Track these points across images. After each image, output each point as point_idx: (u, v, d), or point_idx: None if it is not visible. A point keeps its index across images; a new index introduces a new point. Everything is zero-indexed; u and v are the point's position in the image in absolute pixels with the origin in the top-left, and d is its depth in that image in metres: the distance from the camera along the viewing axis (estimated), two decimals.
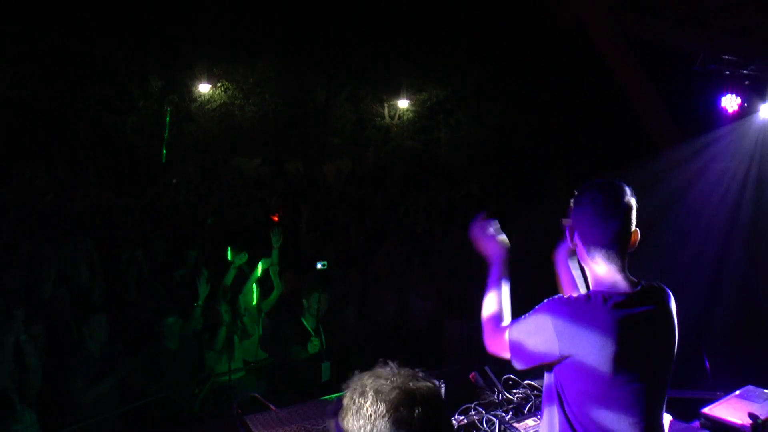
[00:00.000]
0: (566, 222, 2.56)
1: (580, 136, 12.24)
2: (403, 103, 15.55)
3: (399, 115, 15.70)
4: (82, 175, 10.32)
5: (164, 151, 12.06)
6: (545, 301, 2.42)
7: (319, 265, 4.52)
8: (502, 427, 3.49)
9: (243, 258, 6.17)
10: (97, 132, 11.43)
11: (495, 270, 2.77)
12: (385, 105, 15.63)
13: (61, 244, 6.72)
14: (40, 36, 10.75)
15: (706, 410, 4.36)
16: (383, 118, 15.63)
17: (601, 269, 2.45)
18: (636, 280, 2.46)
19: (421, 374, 1.63)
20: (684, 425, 3.93)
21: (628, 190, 2.44)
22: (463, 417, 3.51)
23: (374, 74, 14.78)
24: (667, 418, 3.61)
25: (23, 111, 10.80)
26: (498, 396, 3.81)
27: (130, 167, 11.14)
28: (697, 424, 4.16)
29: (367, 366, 3.62)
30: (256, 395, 3.18)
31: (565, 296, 2.40)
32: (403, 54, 14.26)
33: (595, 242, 2.43)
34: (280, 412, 3.49)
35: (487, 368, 3.91)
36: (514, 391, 3.92)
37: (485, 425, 3.49)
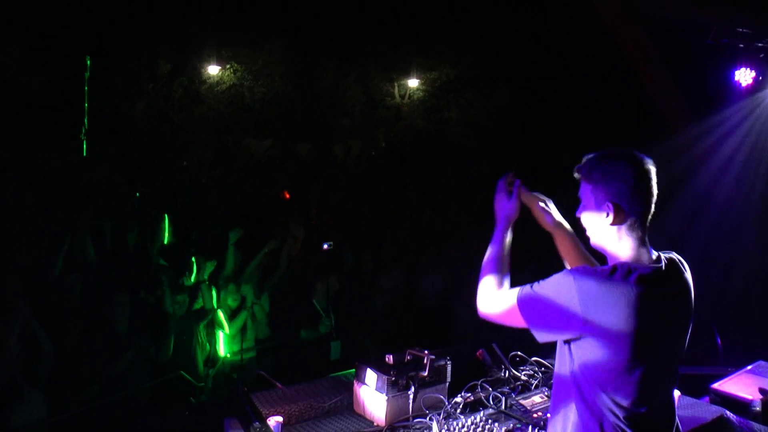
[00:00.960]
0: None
1: (591, 116, 12.14)
2: (413, 83, 15.45)
3: (409, 95, 15.61)
4: (92, 159, 10.37)
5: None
6: (565, 269, 2.38)
7: (325, 246, 4.54)
8: (509, 403, 3.50)
9: (238, 233, 6.19)
10: (106, 116, 11.43)
11: (500, 228, 2.74)
12: (396, 85, 15.53)
13: (71, 225, 6.78)
14: (49, 21, 10.75)
15: (716, 386, 4.35)
16: (393, 97, 15.55)
17: (624, 243, 2.40)
18: (657, 253, 2.43)
19: None
20: (693, 401, 3.92)
21: (649, 160, 2.42)
22: (469, 394, 3.53)
23: (384, 54, 14.67)
24: (675, 393, 3.60)
25: (33, 96, 10.82)
26: (505, 373, 3.82)
27: (140, 150, 11.16)
28: (707, 399, 4.16)
29: (376, 345, 3.63)
30: (262, 373, 3.19)
31: (589, 266, 2.34)
32: (413, 33, 14.14)
33: (640, 215, 2.39)
34: (287, 389, 3.50)
35: (494, 345, 3.91)
36: (521, 368, 3.93)
37: (492, 402, 3.49)
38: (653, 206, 2.41)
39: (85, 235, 6.20)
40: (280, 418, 3.05)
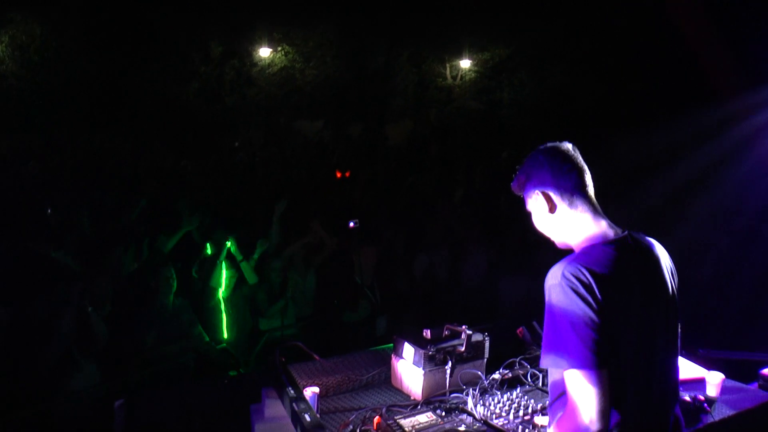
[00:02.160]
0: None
1: (645, 95, 11.85)
2: (465, 63, 15.33)
3: (461, 76, 15.50)
4: (145, 142, 10.61)
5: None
6: (546, 292, 2.26)
7: (351, 224, 4.54)
8: (547, 381, 3.45)
9: (282, 206, 6.25)
10: (159, 99, 11.67)
11: None
12: (447, 65, 15.44)
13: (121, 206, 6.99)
14: (102, 8, 11.00)
15: (766, 371, 4.23)
16: (445, 78, 15.46)
17: (577, 224, 2.37)
18: (622, 229, 2.38)
19: None
20: (740, 386, 3.84)
21: (561, 142, 2.46)
22: (507, 371, 3.50)
23: (436, 34, 14.58)
24: (718, 377, 3.53)
25: (88, 81, 11.11)
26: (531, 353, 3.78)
27: (193, 133, 11.37)
28: (755, 385, 4.06)
29: (419, 321, 3.63)
30: (299, 344, 3.22)
31: (557, 269, 2.22)
32: (465, 13, 14.01)
33: (571, 189, 2.36)
34: (324, 362, 3.54)
35: (535, 323, 3.88)
36: None
37: (529, 379, 3.47)
38: (586, 178, 2.39)
39: (136, 210, 6.35)
40: (316, 389, 3.09)
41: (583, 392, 2.09)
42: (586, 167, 2.43)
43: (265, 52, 13.21)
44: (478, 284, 6.51)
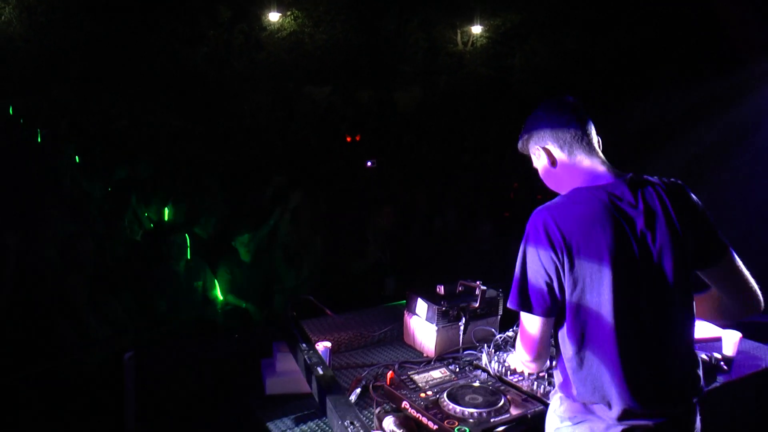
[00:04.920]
0: None
1: (660, 63, 11.65)
2: (476, 29, 15.12)
3: (472, 42, 15.30)
4: (154, 105, 10.56)
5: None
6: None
7: (369, 163, 4.51)
8: None
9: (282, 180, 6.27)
10: (168, 63, 11.57)
11: None
12: (458, 31, 15.24)
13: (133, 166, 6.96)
14: None
15: None
16: (456, 44, 15.27)
17: (586, 163, 2.32)
18: (625, 173, 2.31)
19: None
20: (758, 345, 3.81)
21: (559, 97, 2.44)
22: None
23: None
24: (735, 335, 3.48)
25: (97, 44, 11.01)
26: None
27: (201, 96, 11.30)
28: None
29: (429, 281, 3.58)
30: (311, 299, 3.18)
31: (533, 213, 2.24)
32: None
33: (570, 141, 2.33)
34: (337, 317, 3.51)
35: None
36: None
37: None
38: (587, 128, 2.35)
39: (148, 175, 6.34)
40: (328, 344, 3.06)
41: (523, 331, 2.30)
42: (587, 118, 2.38)
43: (274, 17, 13.05)
44: (490, 247, 6.47)
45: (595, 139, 2.38)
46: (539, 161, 2.42)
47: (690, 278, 2.28)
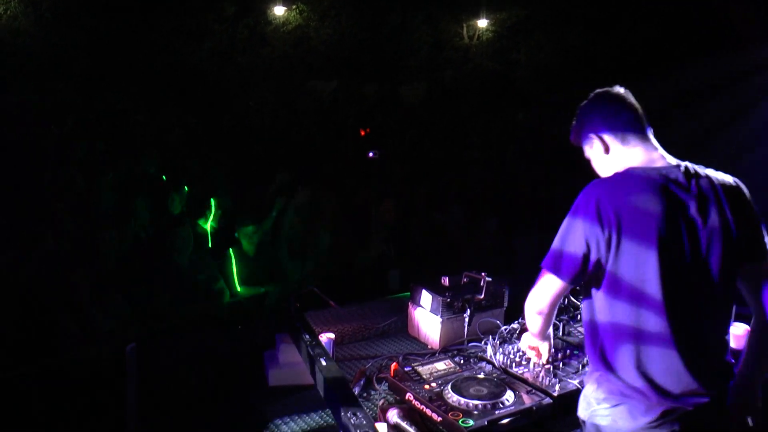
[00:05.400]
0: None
1: (666, 56, 11.58)
2: (482, 23, 15.05)
3: (478, 36, 15.22)
4: (158, 101, 10.54)
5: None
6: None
7: (371, 154, 4.50)
8: (567, 330, 3.40)
9: (289, 176, 6.27)
10: (172, 58, 11.54)
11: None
12: (464, 25, 15.16)
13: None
14: None
15: None
16: (461, 38, 15.19)
17: (639, 149, 2.34)
18: (679, 161, 2.33)
19: None
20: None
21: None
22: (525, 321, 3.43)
23: None
24: (741, 327, 3.44)
25: (101, 40, 10.99)
26: (564, 301, 3.71)
27: (206, 91, 11.27)
28: None
29: (434, 274, 3.55)
30: (315, 290, 3.16)
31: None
32: None
33: (623, 128, 2.37)
34: (341, 309, 3.49)
35: None
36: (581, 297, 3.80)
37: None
38: (638, 115, 2.40)
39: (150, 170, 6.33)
40: (332, 335, 3.04)
41: (541, 287, 2.40)
42: (637, 105, 2.43)
43: (279, 11, 12.99)
44: (493, 242, 6.45)
45: (647, 126, 2.41)
46: (592, 150, 2.47)
47: (734, 268, 2.31)
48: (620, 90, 2.47)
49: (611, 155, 2.40)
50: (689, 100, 9.10)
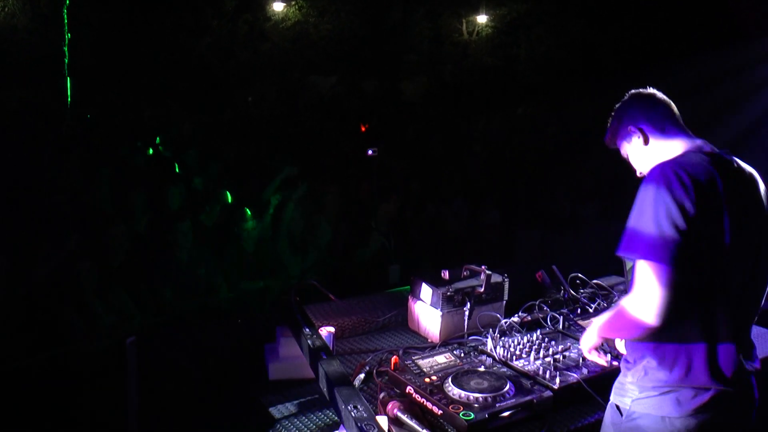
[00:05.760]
0: None
1: (667, 50, 11.56)
2: (481, 19, 15.03)
3: (477, 31, 15.20)
4: (159, 96, 10.54)
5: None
6: (640, 188, 2.18)
7: (370, 152, 4.51)
8: (567, 324, 3.40)
9: (290, 170, 6.28)
10: (173, 54, 11.53)
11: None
12: (464, 21, 15.14)
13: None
14: None
15: None
16: (461, 34, 15.17)
17: (681, 140, 2.38)
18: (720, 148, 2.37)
19: None
20: (765, 330, 3.77)
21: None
22: (526, 314, 3.44)
23: None
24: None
25: (99, 36, 10.99)
26: (564, 294, 3.71)
27: (206, 87, 11.27)
28: None
29: (434, 268, 3.54)
30: (315, 283, 3.15)
31: (657, 169, 2.16)
32: None
33: (661, 119, 2.42)
34: (341, 302, 3.48)
35: (554, 268, 3.80)
36: (581, 291, 3.81)
37: (549, 323, 3.40)
38: (673, 108, 2.47)
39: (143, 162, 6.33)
40: (332, 329, 3.03)
41: (649, 285, 2.04)
42: (670, 101, 2.50)
43: (278, 6, 12.99)
44: (494, 235, 6.45)
45: (680, 117, 2.47)
46: (631, 145, 2.49)
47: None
48: (653, 89, 2.55)
49: (650, 147, 2.42)
50: (691, 93, 9.09)
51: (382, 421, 2.36)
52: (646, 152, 2.43)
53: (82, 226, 5.02)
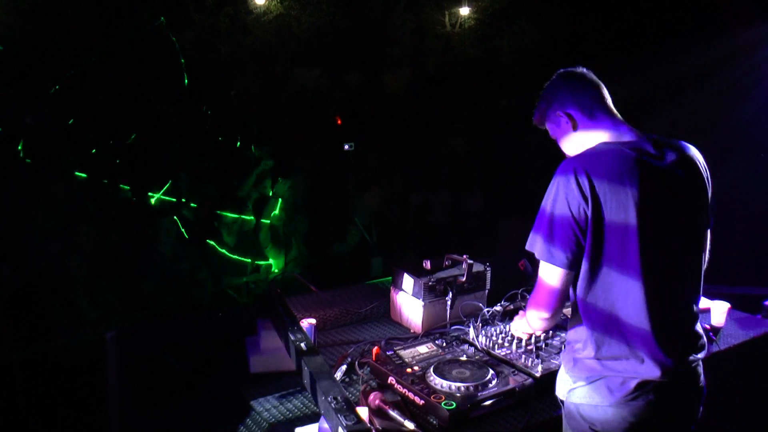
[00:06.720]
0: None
1: (654, 40, 11.58)
2: (464, 11, 15.00)
3: (460, 23, 15.18)
4: (140, 90, 10.45)
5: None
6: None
7: (346, 147, 4.50)
8: None
9: (269, 164, 6.27)
10: (154, 47, 11.42)
11: None
12: (446, 13, 15.10)
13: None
14: None
15: None
16: (444, 26, 15.14)
17: (607, 123, 2.36)
18: (645, 134, 2.35)
19: None
20: (745, 315, 3.81)
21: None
22: (509, 303, 3.44)
23: None
24: (724, 306, 3.47)
25: (79, 30, 10.87)
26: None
27: (188, 81, 11.18)
28: (759, 316, 4.04)
29: (416, 258, 3.54)
30: (297, 275, 3.15)
31: (561, 165, 2.26)
32: None
33: (590, 103, 2.38)
34: (322, 294, 3.47)
35: None
36: None
37: None
38: (603, 91, 2.43)
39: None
40: (313, 321, 3.02)
41: (542, 284, 2.28)
42: (600, 82, 2.46)
43: (259, 0, 12.91)
44: (477, 225, 6.45)
45: (610, 100, 2.44)
46: (560, 128, 2.47)
47: (703, 236, 2.41)
48: (582, 69, 2.50)
49: (579, 132, 2.40)
50: (676, 83, 9.14)
51: (364, 412, 2.36)
52: (576, 137, 2.42)
53: (59, 221, 4.97)
